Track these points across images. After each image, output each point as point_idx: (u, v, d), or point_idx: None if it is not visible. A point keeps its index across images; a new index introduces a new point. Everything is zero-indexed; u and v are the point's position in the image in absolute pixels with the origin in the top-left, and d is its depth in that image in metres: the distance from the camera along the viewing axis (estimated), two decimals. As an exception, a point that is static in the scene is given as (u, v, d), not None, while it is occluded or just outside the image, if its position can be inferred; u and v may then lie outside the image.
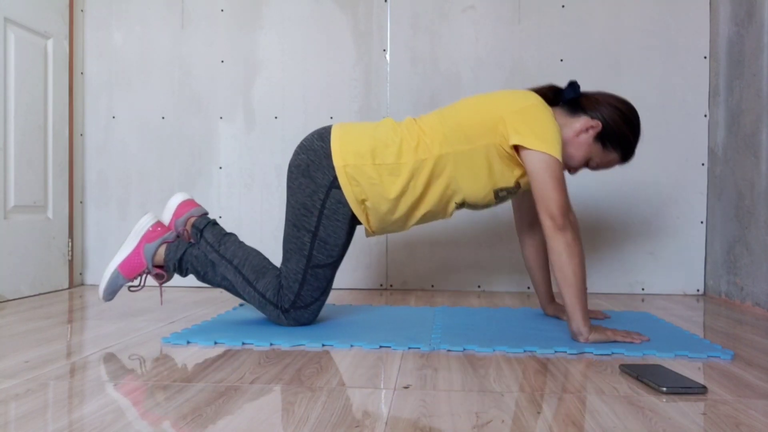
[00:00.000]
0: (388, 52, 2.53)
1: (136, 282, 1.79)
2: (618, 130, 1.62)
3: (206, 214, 1.84)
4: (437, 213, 1.68)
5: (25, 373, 1.21)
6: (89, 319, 1.83)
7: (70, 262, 2.52)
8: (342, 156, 1.61)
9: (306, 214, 1.63)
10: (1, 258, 2.14)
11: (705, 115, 2.46)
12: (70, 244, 2.51)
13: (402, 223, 1.69)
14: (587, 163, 1.68)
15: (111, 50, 2.60)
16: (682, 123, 2.47)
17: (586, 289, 1.50)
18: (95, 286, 2.56)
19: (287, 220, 1.67)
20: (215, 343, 1.49)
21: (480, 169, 1.59)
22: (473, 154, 1.58)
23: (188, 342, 1.49)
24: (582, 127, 1.62)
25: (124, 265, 1.76)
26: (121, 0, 2.59)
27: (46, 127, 2.38)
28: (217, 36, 2.57)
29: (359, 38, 2.53)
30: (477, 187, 1.62)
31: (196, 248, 1.76)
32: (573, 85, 1.66)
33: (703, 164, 2.47)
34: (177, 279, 2.55)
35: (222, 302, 2.16)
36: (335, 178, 1.61)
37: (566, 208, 1.51)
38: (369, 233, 1.72)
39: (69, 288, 2.50)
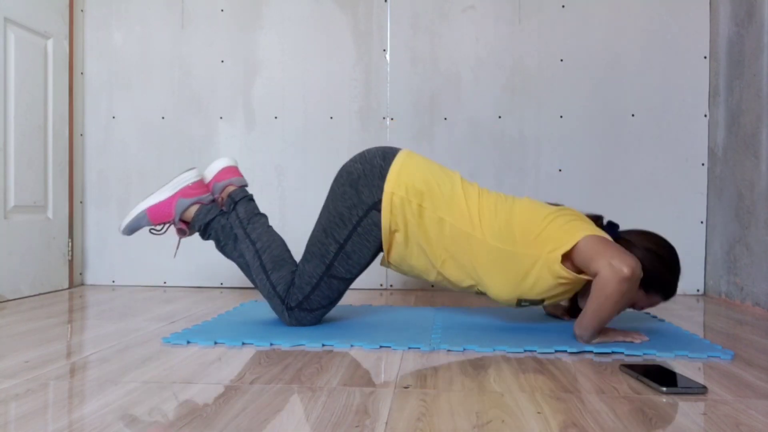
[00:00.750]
0: (388, 52, 2.53)
1: (159, 227, 1.82)
2: (658, 276, 1.56)
3: (246, 186, 1.83)
4: (456, 287, 1.64)
5: (25, 373, 1.21)
6: (89, 319, 1.83)
7: (70, 262, 2.52)
8: (395, 183, 1.57)
9: (339, 224, 1.60)
10: (1, 258, 2.14)
11: (705, 115, 2.46)
12: (70, 244, 2.51)
13: (422, 274, 1.65)
14: (632, 306, 1.62)
15: (111, 50, 2.60)
16: (682, 123, 2.47)
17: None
18: (95, 286, 2.56)
19: (319, 222, 1.65)
20: (215, 343, 1.49)
21: (513, 275, 1.53)
22: (514, 258, 1.52)
23: (188, 342, 1.49)
24: None
25: (153, 209, 1.78)
26: (121, 0, 2.59)
27: (46, 127, 2.38)
28: (217, 36, 2.57)
29: (359, 38, 2.53)
30: (502, 290, 1.56)
31: (225, 218, 1.76)
32: (612, 226, 1.61)
33: (703, 164, 2.47)
34: (177, 279, 2.55)
35: (222, 302, 2.16)
36: (379, 201, 1.57)
37: (629, 258, 1.41)
38: (384, 262, 1.67)
39: (69, 288, 2.50)
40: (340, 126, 2.53)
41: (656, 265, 1.55)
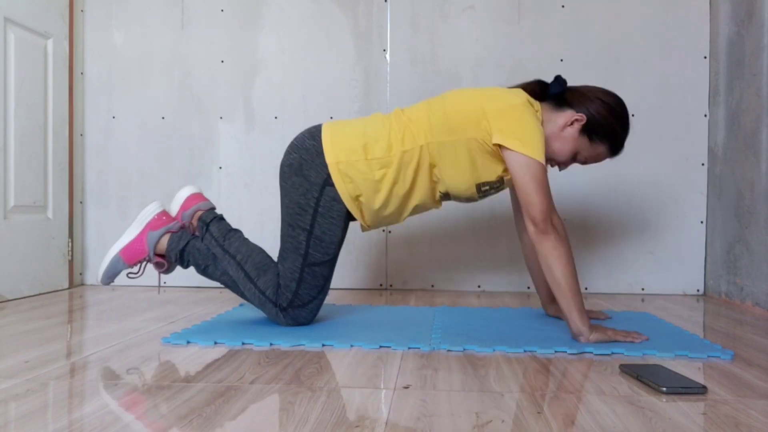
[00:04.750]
0: (388, 52, 2.53)
1: (135, 269, 1.79)
2: (604, 123, 1.60)
3: (214, 208, 1.85)
4: (428, 204, 1.70)
5: (25, 373, 1.21)
6: (89, 319, 1.83)
7: (70, 262, 2.52)
8: (334, 153, 1.62)
9: (300, 213, 1.64)
10: (1, 258, 2.14)
11: (705, 115, 2.46)
12: (70, 244, 2.51)
13: (396, 215, 1.70)
14: (575, 158, 1.66)
15: (111, 50, 2.60)
16: (682, 123, 2.47)
17: (578, 289, 1.49)
18: (95, 286, 2.56)
19: (282, 219, 1.68)
20: (215, 343, 1.49)
21: (462, 162, 1.60)
22: (456, 145, 1.59)
23: (188, 342, 1.49)
24: (566, 120, 1.61)
25: (125, 250, 1.77)
26: (121, 0, 2.59)
27: (46, 127, 2.38)
28: (217, 36, 2.57)
29: (359, 38, 2.53)
30: (459, 180, 1.63)
31: (200, 241, 1.77)
32: (558, 80, 1.65)
33: (703, 164, 2.47)
34: (177, 279, 2.55)
35: (222, 302, 2.16)
36: (328, 176, 1.62)
37: (548, 211, 1.51)
38: (364, 228, 1.73)
39: (69, 288, 2.50)
40: (340, 126, 2.53)
41: (603, 112, 1.60)
